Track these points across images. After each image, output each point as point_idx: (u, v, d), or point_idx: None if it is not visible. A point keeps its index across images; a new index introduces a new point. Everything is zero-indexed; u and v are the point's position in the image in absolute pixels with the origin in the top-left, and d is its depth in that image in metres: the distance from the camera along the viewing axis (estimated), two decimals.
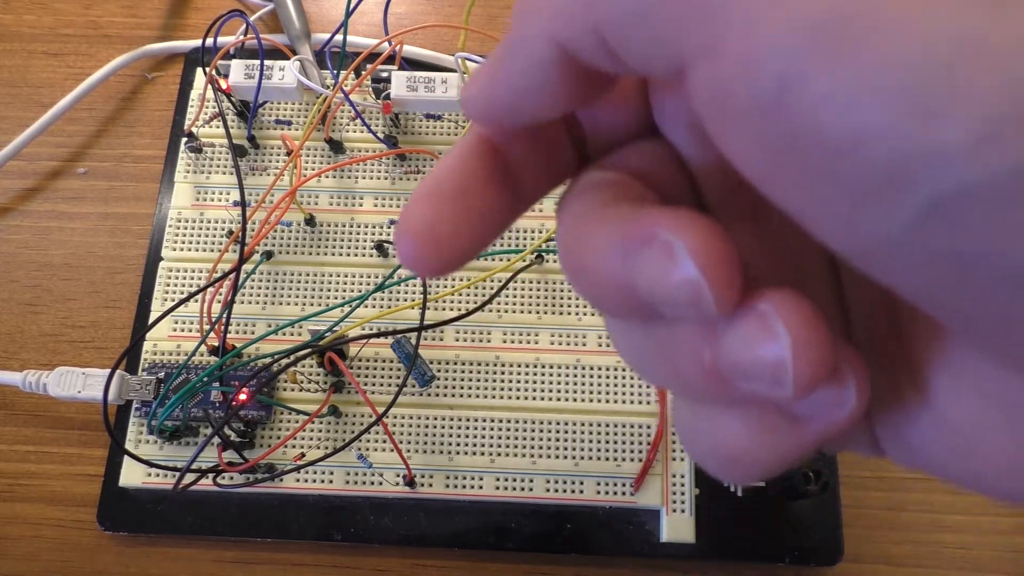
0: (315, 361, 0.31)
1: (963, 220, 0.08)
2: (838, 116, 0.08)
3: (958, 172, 0.07)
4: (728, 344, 0.10)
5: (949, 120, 0.07)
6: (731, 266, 0.10)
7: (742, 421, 0.11)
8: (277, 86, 0.33)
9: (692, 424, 0.12)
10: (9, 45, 0.40)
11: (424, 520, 0.31)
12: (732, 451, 0.11)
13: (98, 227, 0.36)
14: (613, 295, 0.11)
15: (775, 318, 0.10)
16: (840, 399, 0.10)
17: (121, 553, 0.31)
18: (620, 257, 0.10)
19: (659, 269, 0.10)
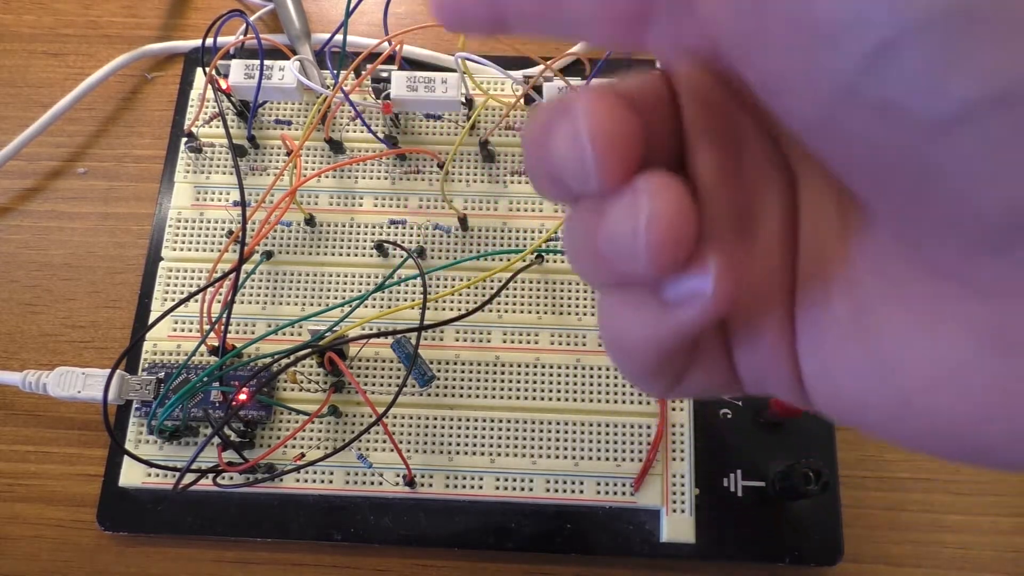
0: (315, 361, 0.31)
1: (902, 66, 0.08)
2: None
3: (901, 15, 0.08)
4: (606, 219, 0.11)
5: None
6: (617, 142, 0.10)
7: (626, 306, 0.12)
8: (277, 86, 0.33)
9: (599, 315, 0.13)
10: (9, 45, 0.40)
11: (424, 520, 0.31)
12: (618, 338, 0.12)
13: (98, 227, 0.36)
14: (539, 167, 0.12)
15: (643, 194, 0.10)
16: (701, 285, 0.11)
17: (121, 553, 0.31)
18: (545, 129, 0.11)
19: (564, 138, 0.11)
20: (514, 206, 0.34)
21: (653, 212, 0.10)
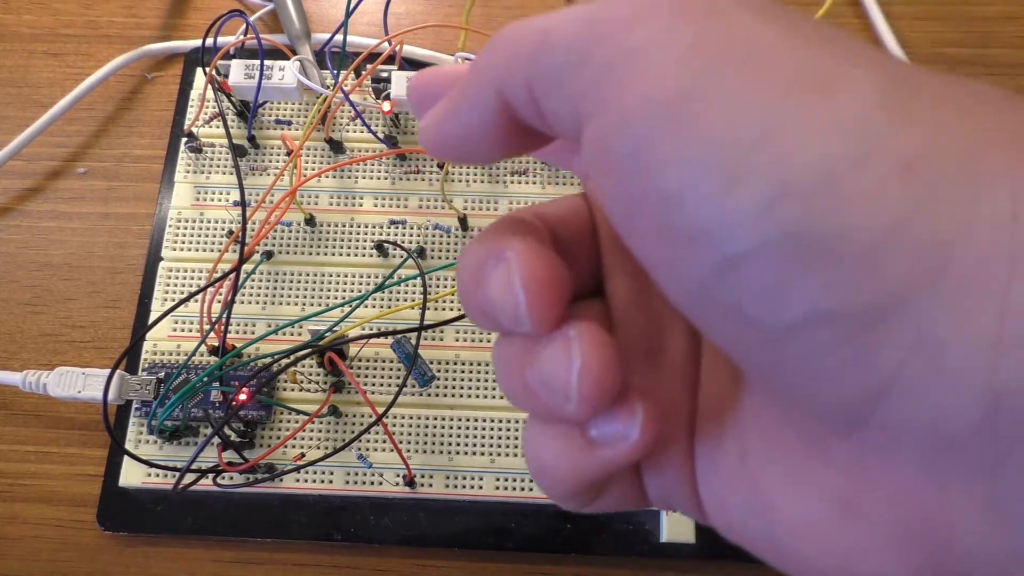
0: (315, 361, 0.31)
1: (744, 279, 0.10)
2: (671, 177, 0.10)
3: (743, 236, 0.09)
4: (538, 358, 0.12)
5: (742, 191, 0.09)
6: (550, 293, 0.12)
7: (552, 438, 0.13)
8: (277, 86, 0.33)
9: (524, 438, 0.14)
10: (9, 45, 0.40)
11: (424, 520, 0.31)
12: (543, 464, 0.13)
13: (98, 227, 0.36)
14: (472, 302, 0.13)
15: (575, 342, 0.12)
16: (627, 431, 0.12)
17: (121, 553, 0.31)
18: (479, 270, 0.13)
19: (498, 283, 0.12)
20: (514, 206, 0.34)
21: (584, 362, 0.11)
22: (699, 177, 0.10)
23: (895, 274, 0.09)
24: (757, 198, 0.09)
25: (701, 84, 0.10)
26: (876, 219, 0.09)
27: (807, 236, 0.09)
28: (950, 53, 0.38)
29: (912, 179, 0.09)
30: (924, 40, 0.38)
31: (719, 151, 0.09)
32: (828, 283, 0.09)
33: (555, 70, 0.11)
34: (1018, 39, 0.38)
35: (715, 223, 0.10)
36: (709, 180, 0.10)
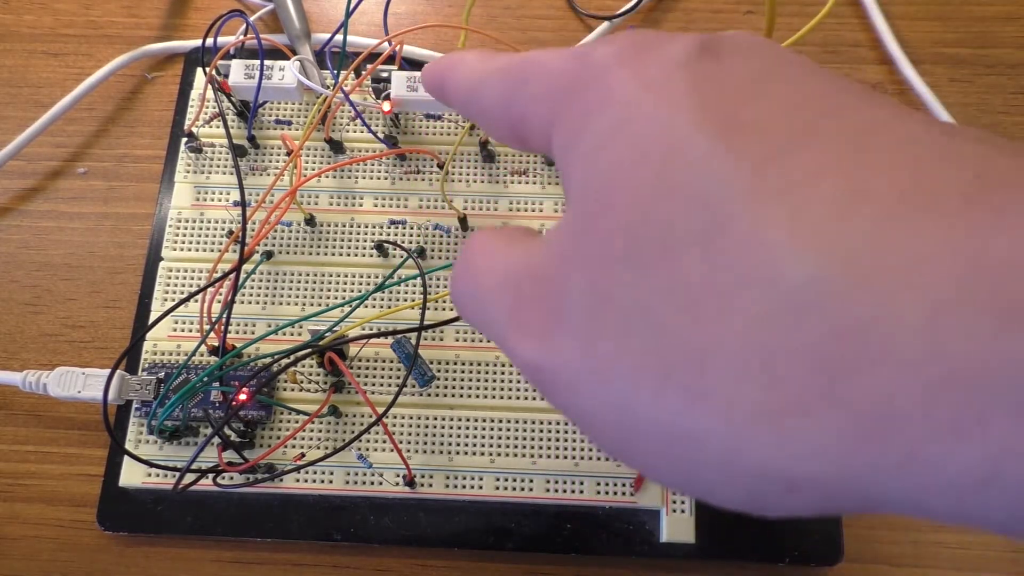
0: (315, 361, 0.31)
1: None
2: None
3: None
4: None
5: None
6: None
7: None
8: (277, 86, 0.33)
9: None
10: (9, 45, 0.40)
11: (424, 520, 0.31)
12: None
13: (98, 227, 0.36)
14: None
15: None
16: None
17: (121, 553, 0.31)
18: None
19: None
20: (514, 206, 0.34)
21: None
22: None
23: None
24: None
25: None
26: None
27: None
28: (950, 53, 0.38)
29: None
30: (924, 40, 0.38)
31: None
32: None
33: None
34: (1018, 39, 0.38)
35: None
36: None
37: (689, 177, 0.10)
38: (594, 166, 0.11)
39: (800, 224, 0.09)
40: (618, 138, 0.11)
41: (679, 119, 0.11)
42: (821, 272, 0.09)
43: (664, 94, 0.11)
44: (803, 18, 0.35)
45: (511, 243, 0.14)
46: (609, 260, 0.11)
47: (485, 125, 0.16)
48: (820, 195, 0.09)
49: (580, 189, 0.12)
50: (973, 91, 0.37)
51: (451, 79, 0.16)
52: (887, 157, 0.10)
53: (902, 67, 0.37)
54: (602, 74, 0.12)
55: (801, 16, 0.39)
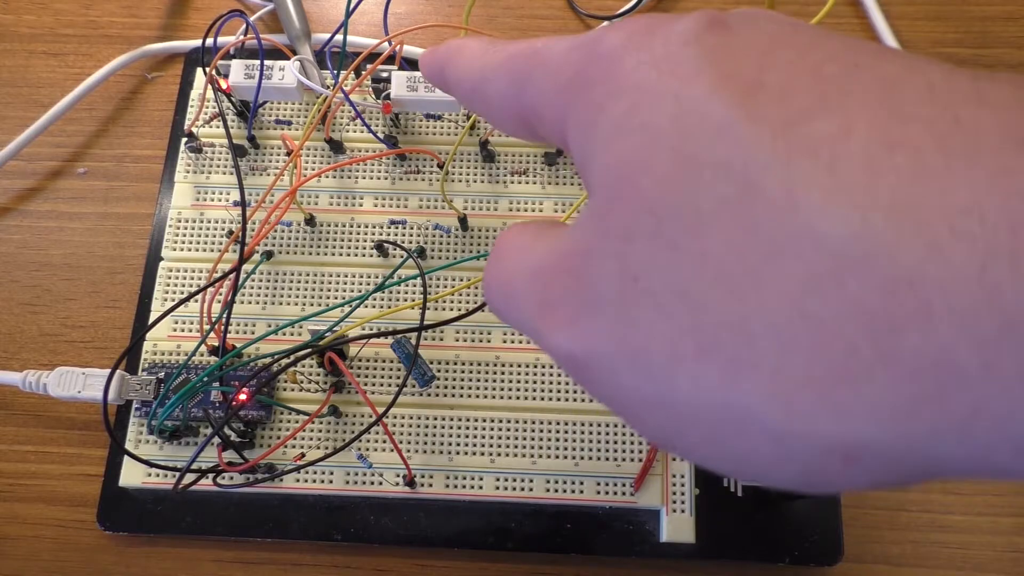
0: (315, 361, 0.31)
1: None
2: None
3: None
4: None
5: None
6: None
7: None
8: (277, 86, 0.33)
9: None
10: (9, 45, 0.40)
11: (424, 520, 0.31)
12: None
13: (98, 227, 0.36)
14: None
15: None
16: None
17: (121, 553, 0.31)
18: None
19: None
20: (514, 206, 0.34)
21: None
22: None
23: None
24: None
25: None
26: None
27: None
28: (950, 53, 0.38)
29: None
30: (924, 40, 0.38)
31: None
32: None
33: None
34: (1018, 39, 0.38)
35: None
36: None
37: (711, 147, 0.10)
38: (613, 152, 0.11)
39: (836, 181, 0.09)
40: (634, 121, 0.11)
41: (694, 91, 0.10)
42: (863, 227, 0.09)
43: (676, 69, 0.11)
44: (803, 18, 0.35)
45: (538, 236, 0.14)
46: (637, 241, 0.11)
47: (490, 117, 0.15)
48: (852, 150, 0.09)
49: (601, 176, 0.12)
50: None
51: (452, 69, 0.16)
52: (916, 106, 0.09)
53: None
54: (612, 62, 0.12)
55: (801, 16, 0.39)
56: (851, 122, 0.09)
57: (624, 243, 0.11)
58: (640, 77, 0.11)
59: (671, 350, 0.10)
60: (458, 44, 0.16)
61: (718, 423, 0.10)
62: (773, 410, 0.09)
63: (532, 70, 0.14)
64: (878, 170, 0.09)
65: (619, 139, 0.11)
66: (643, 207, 0.11)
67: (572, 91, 0.13)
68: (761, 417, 0.10)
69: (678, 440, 0.11)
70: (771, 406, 0.09)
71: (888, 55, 0.10)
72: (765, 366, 0.09)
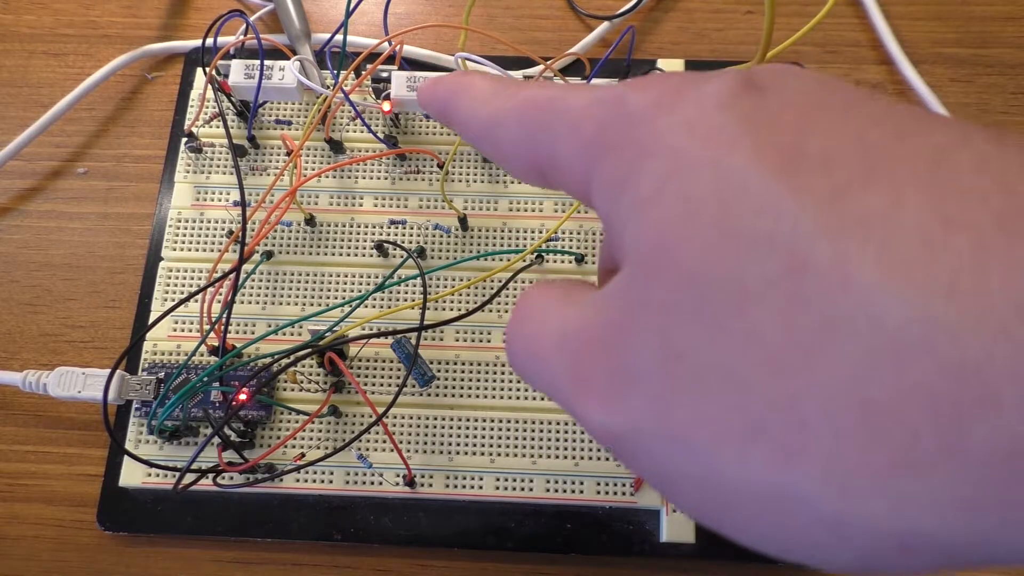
0: (315, 361, 0.31)
1: None
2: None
3: None
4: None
5: None
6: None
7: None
8: (277, 86, 0.33)
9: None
10: (9, 45, 0.40)
11: (424, 520, 0.31)
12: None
13: (98, 227, 0.36)
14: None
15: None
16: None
17: (121, 553, 0.31)
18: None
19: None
20: (514, 206, 0.34)
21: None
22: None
23: None
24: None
25: None
26: None
27: None
28: (950, 53, 0.38)
29: None
30: (924, 40, 0.38)
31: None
32: None
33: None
34: (1018, 39, 0.38)
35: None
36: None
37: (755, 221, 0.09)
38: (649, 221, 0.11)
39: (891, 259, 0.09)
40: (670, 188, 0.11)
41: (733, 160, 0.10)
42: (925, 310, 0.08)
43: (713, 135, 0.10)
44: (803, 18, 0.35)
45: (565, 301, 0.13)
46: (677, 317, 0.10)
47: (500, 162, 0.15)
48: (906, 226, 0.09)
49: (635, 244, 0.11)
50: (973, 91, 0.37)
51: (458, 109, 0.15)
52: (969, 179, 0.09)
53: (902, 67, 0.37)
54: (641, 123, 0.11)
55: (801, 16, 0.39)
56: (902, 195, 0.09)
57: (664, 318, 0.10)
58: (674, 141, 0.11)
59: (717, 431, 0.10)
60: (463, 82, 0.15)
61: (767, 506, 0.10)
62: (827, 495, 0.09)
63: (550, 121, 0.13)
64: (936, 249, 0.08)
65: (655, 207, 0.11)
66: (684, 282, 0.10)
67: (597, 149, 0.12)
68: (814, 502, 0.09)
69: (722, 519, 0.11)
70: (825, 491, 0.09)
71: (932, 121, 0.10)
72: (819, 451, 0.09)
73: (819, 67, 0.38)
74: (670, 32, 0.39)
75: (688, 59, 0.37)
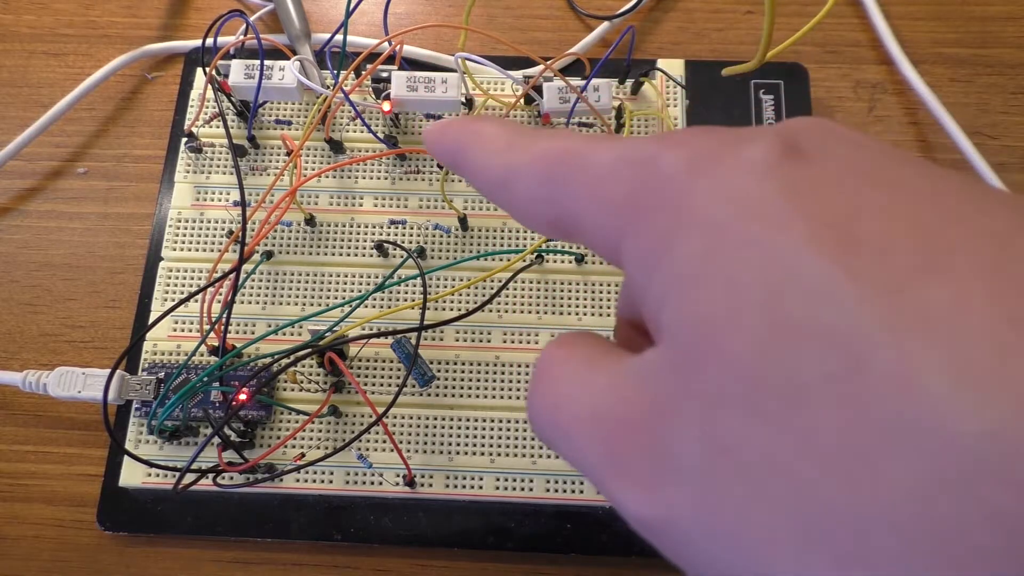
0: (315, 361, 0.31)
1: None
2: None
3: None
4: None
5: None
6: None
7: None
8: (277, 86, 0.33)
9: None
10: (9, 45, 0.40)
11: (424, 520, 0.31)
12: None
13: (98, 227, 0.36)
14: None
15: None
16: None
17: (121, 553, 0.31)
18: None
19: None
20: None
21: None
22: None
23: None
24: None
25: None
26: None
27: None
28: (950, 53, 0.38)
29: None
30: (924, 40, 0.38)
31: None
32: None
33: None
34: (1018, 39, 0.38)
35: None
36: None
37: (810, 312, 0.09)
38: (692, 302, 0.10)
39: (959, 363, 0.08)
40: (714, 268, 0.10)
41: (783, 242, 0.09)
42: (999, 424, 0.08)
43: (757, 211, 0.10)
44: (803, 18, 0.35)
45: (591, 367, 0.12)
46: (725, 408, 0.10)
47: (515, 215, 0.14)
48: (972, 325, 0.08)
49: (676, 324, 0.10)
50: (973, 91, 0.37)
51: (468, 159, 0.14)
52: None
53: (902, 67, 0.37)
54: (677, 190, 0.11)
55: (801, 16, 0.39)
56: (966, 290, 0.08)
57: (709, 408, 0.10)
58: (715, 213, 0.10)
59: (771, 531, 0.09)
60: (473, 129, 0.15)
61: None
62: None
63: (571, 177, 0.12)
64: (1008, 353, 0.08)
65: (697, 288, 0.10)
66: (732, 373, 0.10)
67: (628, 215, 0.12)
68: None
69: None
70: None
71: (988, 199, 0.10)
72: (883, 562, 0.08)
73: (819, 67, 0.38)
74: (670, 32, 0.39)
75: (688, 59, 0.37)
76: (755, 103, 0.36)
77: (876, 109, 0.38)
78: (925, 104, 0.36)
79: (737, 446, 0.10)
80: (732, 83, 0.36)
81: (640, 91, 0.36)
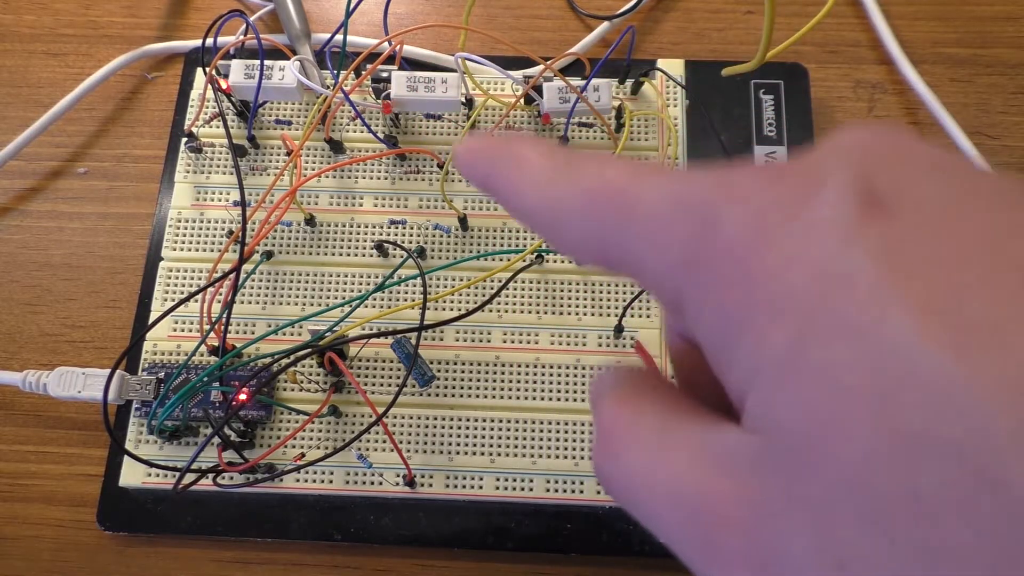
0: (315, 361, 0.31)
1: None
2: None
3: None
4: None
5: None
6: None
7: None
8: (277, 86, 0.33)
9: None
10: (9, 45, 0.40)
11: (424, 520, 0.31)
12: None
13: (98, 227, 0.36)
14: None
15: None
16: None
17: (121, 553, 0.31)
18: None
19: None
20: None
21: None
22: None
23: None
24: None
25: None
26: None
27: None
28: (950, 53, 0.38)
29: None
30: (924, 40, 0.38)
31: None
32: None
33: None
34: (1018, 39, 0.38)
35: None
36: None
37: (930, 420, 0.08)
38: (791, 393, 0.09)
39: None
40: (812, 359, 0.09)
41: (890, 331, 0.08)
42: None
43: (849, 288, 0.09)
44: (803, 18, 0.35)
45: (667, 438, 0.11)
46: (837, 519, 0.09)
47: (557, 249, 0.13)
48: None
49: (773, 414, 0.10)
50: (973, 91, 0.37)
51: (507, 187, 0.13)
52: None
53: (902, 67, 0.37)
54: (746, 256, 0.10)
55: (801, 16, 0.39)
56: None
57: (821, 517, 0.09)
58: (799, 294, 0.09)
59: None
60: (513, 155, 0.13)
61: None
62: None
63: (624, 223, 0.12)
64: None
65: (798, 381, 0.09)
66: (844, 483, 0.09)
67: (690, 273, 0.11)
68: None
69: None
70: None
71: None
72: None
73: (819, 67, 0.38)
74: (670, 32, 0.39)
75: (688, 59, 0.37)
76: (755, 103, 0.36)
77: (876, 109, 0.38)
78: (925, 104, 0.36)
79: (853, 561, 0.09)
80: (732, 83, 0.36)
81: (640, 91, 0.36)
